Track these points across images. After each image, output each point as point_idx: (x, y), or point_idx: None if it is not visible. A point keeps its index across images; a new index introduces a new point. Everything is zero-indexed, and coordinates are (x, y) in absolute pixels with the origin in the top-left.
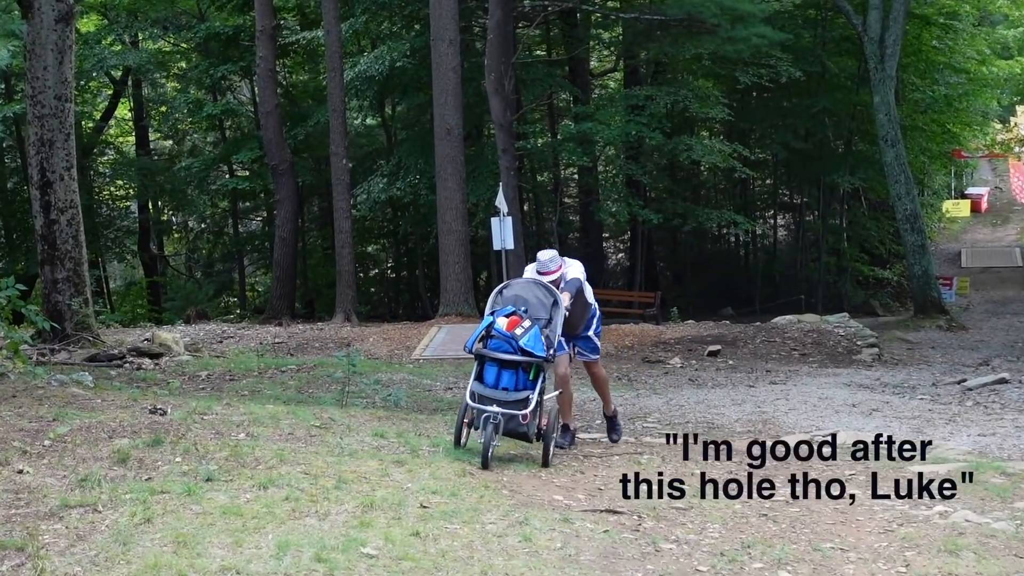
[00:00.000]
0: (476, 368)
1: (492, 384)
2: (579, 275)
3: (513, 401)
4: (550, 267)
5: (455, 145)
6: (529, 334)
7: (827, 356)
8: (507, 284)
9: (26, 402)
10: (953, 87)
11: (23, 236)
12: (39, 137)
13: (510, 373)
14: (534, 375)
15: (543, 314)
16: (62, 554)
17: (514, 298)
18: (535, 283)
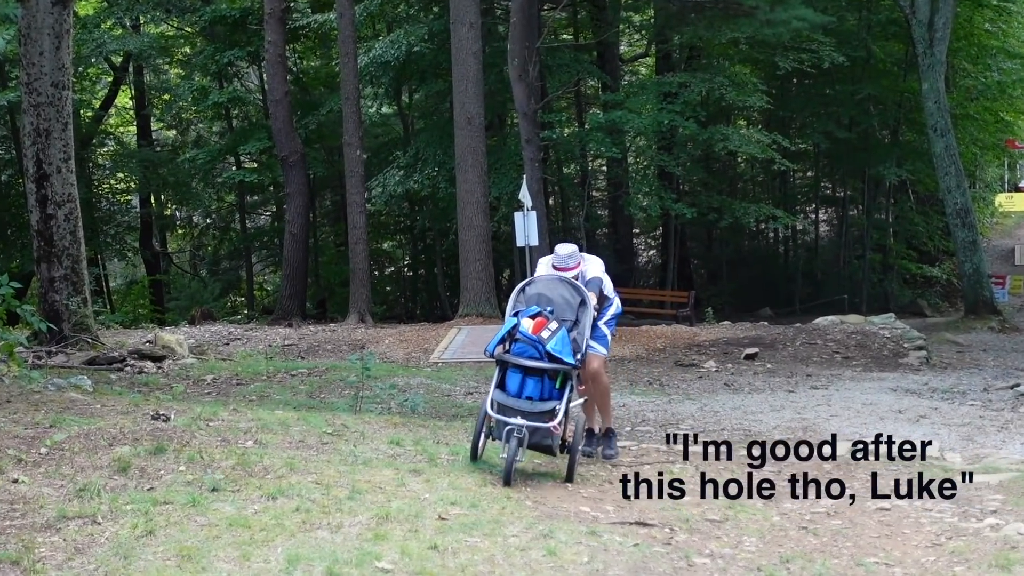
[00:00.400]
0: (497, 375)
1: (515, 393)
2: (600, 274)
3: (539, 412)
4: (568, 263)
5: (476, 135)
6: (556, 337)
7: (872, 359)
8: (530, 281)
9: (22, 407)
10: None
11: (18, 232)
12: (35, 127)
13: (535, 381)
14: (561, 383)
15: (569, 315)
16: (59, 568)
17: (537, 297)
18: (560, 280)
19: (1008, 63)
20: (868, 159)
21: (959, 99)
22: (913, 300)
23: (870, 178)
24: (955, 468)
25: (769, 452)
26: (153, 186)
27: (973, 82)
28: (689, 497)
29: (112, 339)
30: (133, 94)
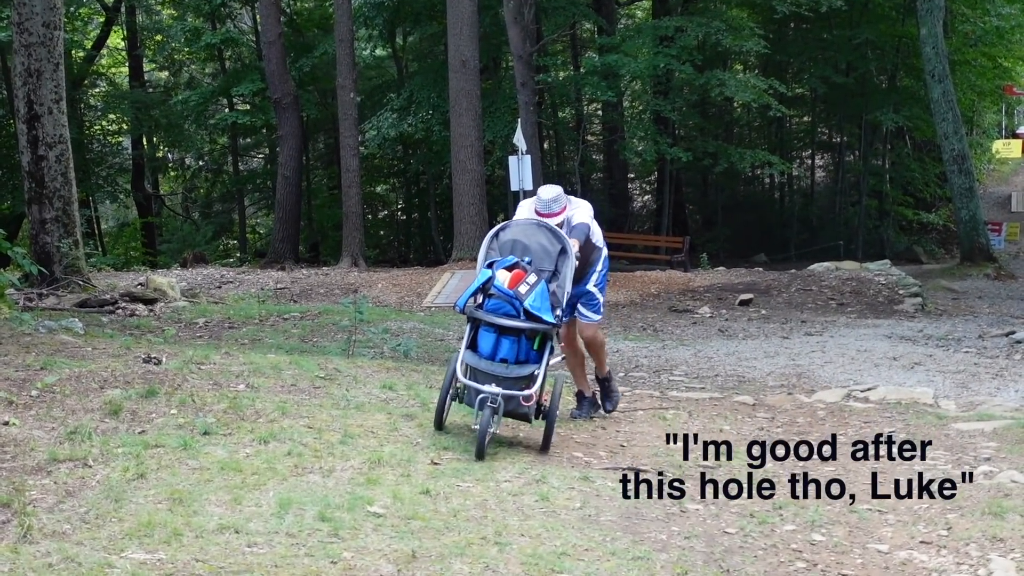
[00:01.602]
0: (468, 334)
1: (489, 355)
2: (588, 219)
3: (515, 378)
4: (553, 208)
5: (471, 78)
6: (535, 292)
7: (867, 306)
8: (504, 226)
9: (12, 350)
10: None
11: (9, 173)
12: (26, 67)
13: (511, 342)
14: (539, 344)
15: (548, 265)
16: (50, 511)
17: (512, 244)
18: (538, 225)
19: (1007, 8)
20: (865, 105)
21: (957, 45)
22: (909, 247)
23: (867, 124)
24: (949, 416)
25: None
26: (145, 128)
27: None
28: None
29: (103, 281)
30: (125, 35)
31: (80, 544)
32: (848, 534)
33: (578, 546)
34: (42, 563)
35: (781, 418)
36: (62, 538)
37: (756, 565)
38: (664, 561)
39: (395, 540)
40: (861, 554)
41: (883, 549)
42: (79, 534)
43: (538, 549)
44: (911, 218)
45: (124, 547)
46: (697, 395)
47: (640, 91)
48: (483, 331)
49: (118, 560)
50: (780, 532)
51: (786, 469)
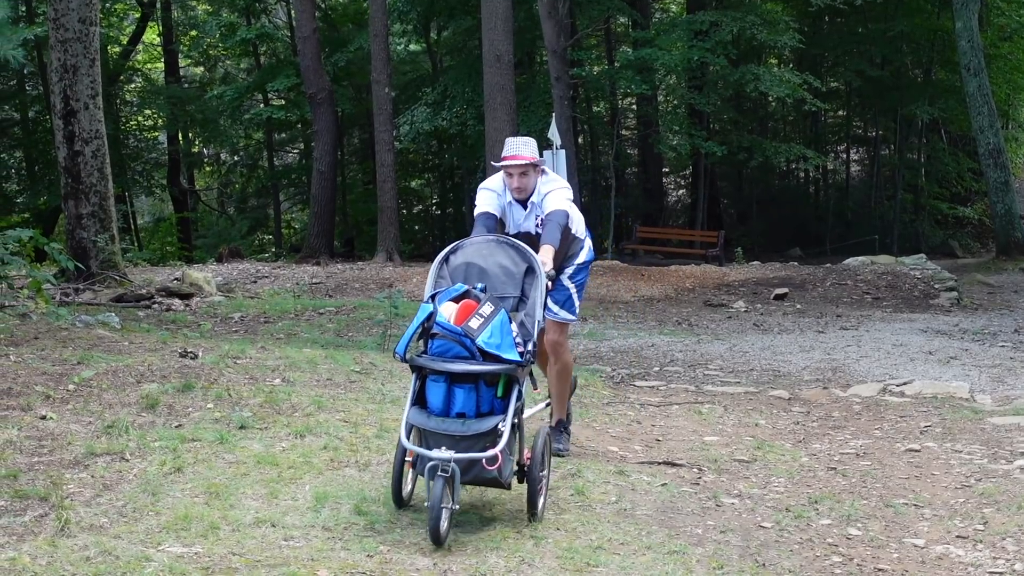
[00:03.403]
0: (414, 386)
1: (441, 410)
2: (564, 205)
3: (474, 436)
4: (522, 150)
5: (505, 73)
6: (492, 325)
7: (902, 300)
8: (455, 247)
9: (49, 344)
10: None
11: (45, 168)
12: (62, 63)
13: (466, 391)
14: (504, 389)
15: (511, 290)
16: (88, 504)
17: (465, 269)
18: (497, 242)
19: None
20: (900, 98)
21: (993, 38)
22: (944, 241)
23: (902, 117)
24: (985, 410)
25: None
26: (181, 123)
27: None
28: (717, 438)
29: (140, 276)
30: (161, 30)
31: (117, 538)
32: (884, 528)
33: (614, 540)
34: (80, 556)
35: (816, 412)
36: (100, 532)
37: (792, 559)
38: (700, 555)
39: None
40: (897, 548)
41: (919, 543)
42: (116, 528)
43: (574, 543)
44: (946, 212)
45: (161, 541)
46: (732, 389)
47: (675, 85)
48: (431, 381)
49: (155, 553)
50: (816, 526)
51: (822, 463)
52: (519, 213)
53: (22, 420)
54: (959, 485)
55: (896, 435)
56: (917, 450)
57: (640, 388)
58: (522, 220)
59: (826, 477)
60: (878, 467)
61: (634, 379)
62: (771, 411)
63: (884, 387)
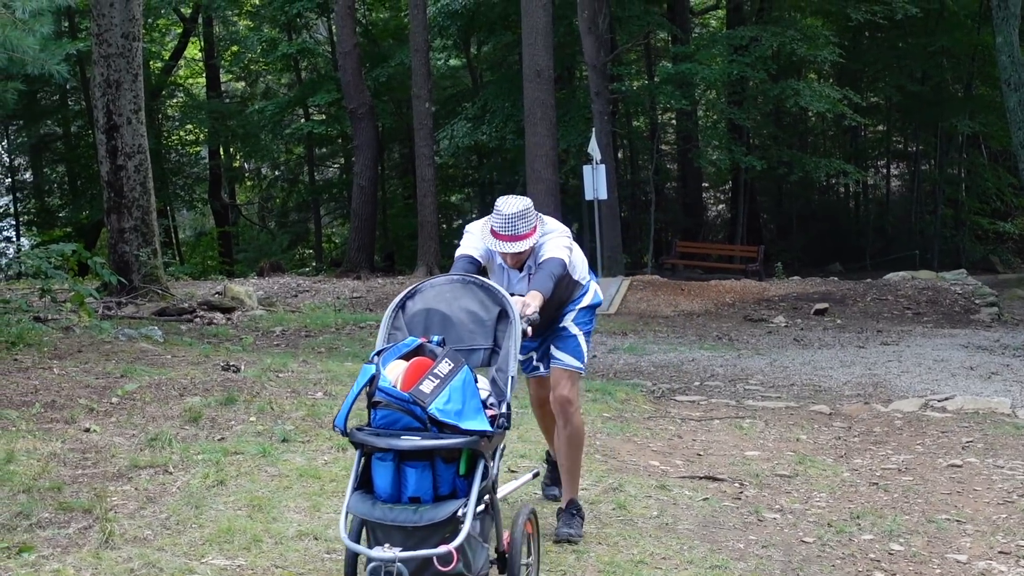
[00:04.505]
0: (356, 466)
1: (389, 494)
2: (560, 253)
3: (427, 528)
4: (519, 228)
5: (545, 88)
6: (449, 388)
7: (943, 315)
8: (414, 289)
9: (92, 357)
10: None
11: (88, 183)
12: (105, 78)
13: (418, 471)
14: (468, 466)
15: (481, 340)
16: (131, 516)
17: (425, 316)
18: (464, 283)
19: None
20: (940, 113)
21: None
22: (985, 256)
23: (942, 132)
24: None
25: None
26: (222, 138)
27: None
28: (759, 452)
29: (181, 290)
30: (202, 45)
31: (161, 550)
32: (926, 544)
33: (655, 554)
34: (124, 568)
35: (858, 428)
36: (143, 544)
37: (834, 574)
38: (742, 570)
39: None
40: (939, 564)
41: (962, 559)
42: (160, 540)
43: (615, 557)
44: (987, 227)
45: (204, 553)
46: (773, 404)
47: (714, 100)
48: (376, 460)
49: (199, 566)
50: (858, 542)
51: (863, 478)
52: (514, 276)
53: (66, 433)
54: (1001, 501)
55: (938, 450)
56: (959, 465)
57: (681, 402)
58: (515, 283)
59: (868, 492)
60: (920, 482)
61: (675, 393)
62: (812, 426)
63: (926, 402)
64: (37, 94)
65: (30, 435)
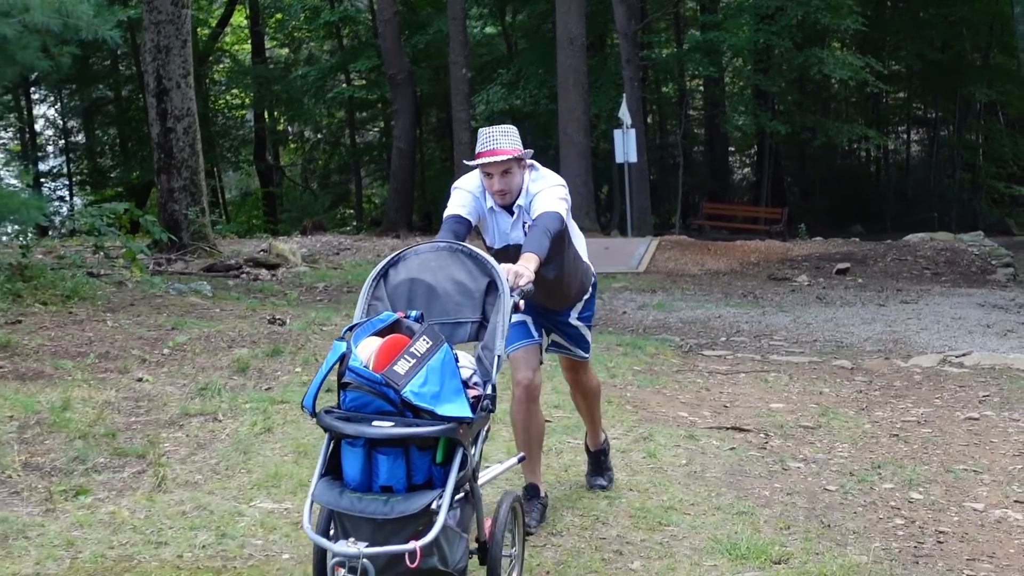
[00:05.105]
0: (324, 451)
1: (358, 483)
2: (559, 206)
3: (397, 521)
4: (501, 143)
5: (577, 55)
6: (426, 369)
7: (960, 275)
8: (397, 257)
9: (145, 311)
10: None
11: (138, 145)
12: (155, 44)
13: (391, 459)
14: (445, 454)
15: (469, 313)
16: (183, 462)
17: (408, 287)
18: (451, 251)
19: None
20: (959, 81)
21: None
22: (1001, 219)
23: (961, 99)
24: None
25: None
26: (266, 102)
27: None
28: (783, 405)
29: (228, 248)
30: (248, 13)
31: (211, 493)
32: (945, 493)
33: (684, 500)
34: (176, 511)
35: (878, 382)
36: (194, 488)
37: (856, 521)
38: (767, 516)
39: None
40: (957, 512)
41: (978, 508)
42: (210, 484)
43: (646, 503)
44: (1003, 191)
45: (252, 497)
46: (797, 359)
47: (741, 67)
48: (346, 445)
49: (247, 509)
50: (879, 490)
51: (884, 430)
52: (504, 222)
53: (120, 382)
54: (1017, 452)
55: (956, 404)
56: (976, 418)
57: (708, 357)
58: (508, 229)
59: (888, 443)
60: (938, 434)
61: (702, 348)
62: (834, 380)
63: (944, 358)
64: (90, 59)
65: (85, 384)
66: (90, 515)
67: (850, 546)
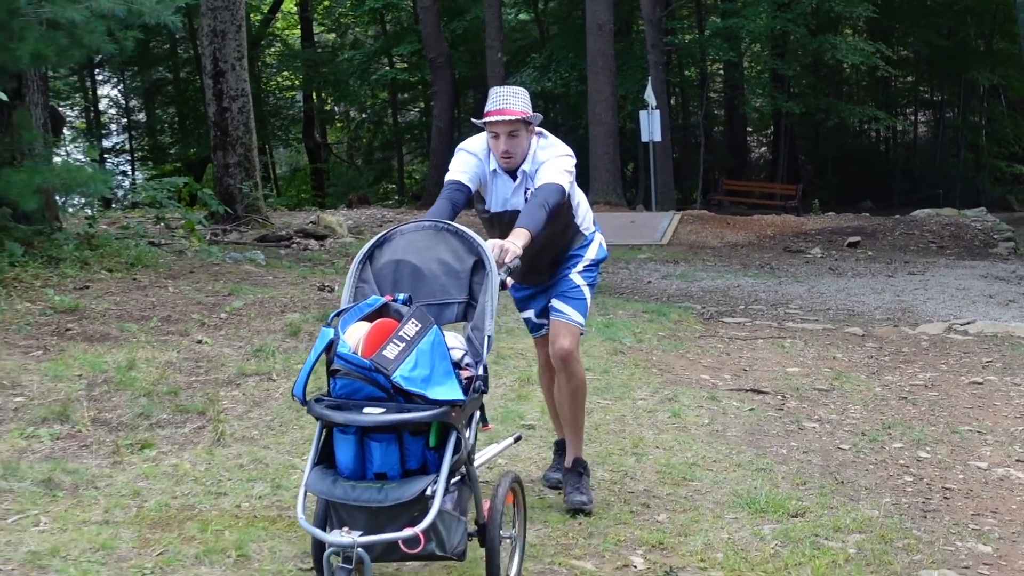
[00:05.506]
0: (317, 437)
1: (352, 470)
2: (562, 179)
3: (391, 508)
4: (511, 103)
5: (606, 40)
6: (416, 353)
7: (964, 248)
8: (383, 237)
9: (203, 278)
10: None
11: (195, 123)
12: (212, 28)
13: (383, 445)
14: (438, 438)
15: (456, 293)
16: (240, 418)
17: (394, 268)
18: (436, 230)
19: None
20: (964, 65)
21: None
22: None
23: (965, 83)
24: None
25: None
26: (315, 83)
27: None
28: (799, 369)
29: (279, 219)
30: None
31: (266, 448)
32: (951, 452)
33: (707, 458)
34: (234, 464)
35: (888, 348)
36: (251, 442)
37: (868, 478)
38: (785, 472)
39: (544, 449)
40: (962, 470)
41: (982, 466)
42: (265, 439)
43: (671, 459)
44: (1005, 170)
45: (305, 451)
46: (811, 326)
47: (758, 52)
48: (338, 433)
49: (300, 462)
50: (889, 449)
51: (893, 393)
52: (506, 186)
53: (181, 344)
54: (1019, 414)
55: (960, 369)
56: (980, 383)
57: (728, 324)
58: (510, 194)
59: (897, 405)
60: (944, 397)
61: (722, 316)
62: (847, 346)
63: (949, 326)
64: (150, 43)
65: (149, 345)
66: (154, 467)
67: (862, 501)
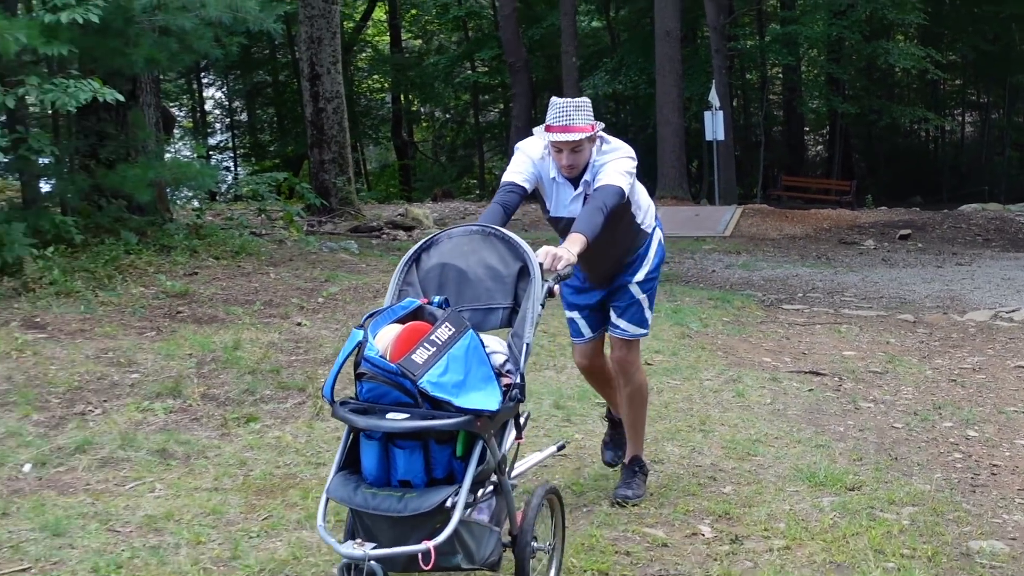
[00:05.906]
0: (343, 445)
1: (376, 477)
2: (622, 180)
3: (411, 519)
4: (574, 118)
5: (673, 46)
6: (447, 358)
7: (1009, 241)
8: (431, 241)
9: (301, 265)
10: None
11: (293, 122)
12: (309, 35)
13: (409, 452)
14: (465, 447)
15: (500, 298)
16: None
17: (440, 272)
18: (483, 235)
19: None
20: (1009, 69)
21: None
22: None
23: (1010, 86)
24: None
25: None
26: (402, 86)
27: None
28: (854, 353)
29: (370, 212)
30: (387, 9)
31: None
32: (998, 431)
33: (769, 435)
34: (332, 436)
35: (938, 334)
36: None
37: (920, 455)
38: (842, 448)
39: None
40: (1009, 448)
41: None
42: None
43: (736, 436)
44: None
45: None
46: (866, 313)
47: (815, 57)
48: (363, 437)
49: None
50: (939, 428)
51: (943, 375)
52: (566, 193)
53: (282, 326)
54: None
55: (1007, 354)
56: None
57: (787, 310)
58: (569, 202)
59: (947, 387)
60: (991, 380)
61: (782, 303)
62: (899, 331)
63: (995, 314)
64: (251, 48)
65: (253, 327)
66: (259, 439)
67: (915, 476)
